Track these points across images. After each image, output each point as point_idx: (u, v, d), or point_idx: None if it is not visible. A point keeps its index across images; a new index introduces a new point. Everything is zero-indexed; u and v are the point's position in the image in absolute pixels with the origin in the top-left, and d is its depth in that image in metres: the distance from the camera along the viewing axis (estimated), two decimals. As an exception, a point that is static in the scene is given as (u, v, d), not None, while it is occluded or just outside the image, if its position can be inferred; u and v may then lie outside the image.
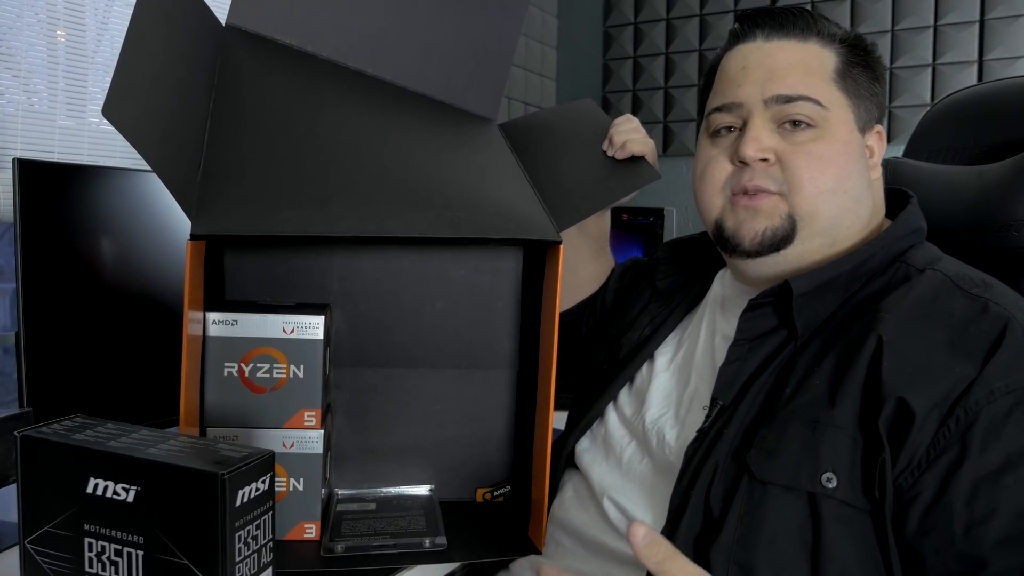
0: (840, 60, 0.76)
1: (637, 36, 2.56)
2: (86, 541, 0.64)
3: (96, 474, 0.63)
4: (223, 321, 0.84)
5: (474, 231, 0.82)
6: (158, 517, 0.62)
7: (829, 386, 0.67)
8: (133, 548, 0.63)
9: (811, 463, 0.65)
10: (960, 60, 2.10)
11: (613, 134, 0.95)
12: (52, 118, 1.36)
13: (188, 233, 0.73)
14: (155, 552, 0.62)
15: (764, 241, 0.75)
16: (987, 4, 2.06)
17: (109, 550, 0.63)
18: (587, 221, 1.01)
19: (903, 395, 0.63)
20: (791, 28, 0.77)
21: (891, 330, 0.67)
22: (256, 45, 0.93)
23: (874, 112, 0.78)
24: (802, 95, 0.74)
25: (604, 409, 0.88)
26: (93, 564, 0.64)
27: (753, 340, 0.75)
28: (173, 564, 0.62)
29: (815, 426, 0.66)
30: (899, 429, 0.63)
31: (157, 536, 0.62)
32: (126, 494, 0.62)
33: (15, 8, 1.29)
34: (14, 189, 0.99)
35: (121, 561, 0.63)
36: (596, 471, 0.84)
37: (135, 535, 0.62)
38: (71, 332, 1.06)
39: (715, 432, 0.72)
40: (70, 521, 0.64)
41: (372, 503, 0.94)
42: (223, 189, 0.77)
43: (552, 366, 0.85)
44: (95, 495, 0.63)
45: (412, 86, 1.01)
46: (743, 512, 0.66)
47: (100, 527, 0.63)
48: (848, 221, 0.75)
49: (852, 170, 0.75)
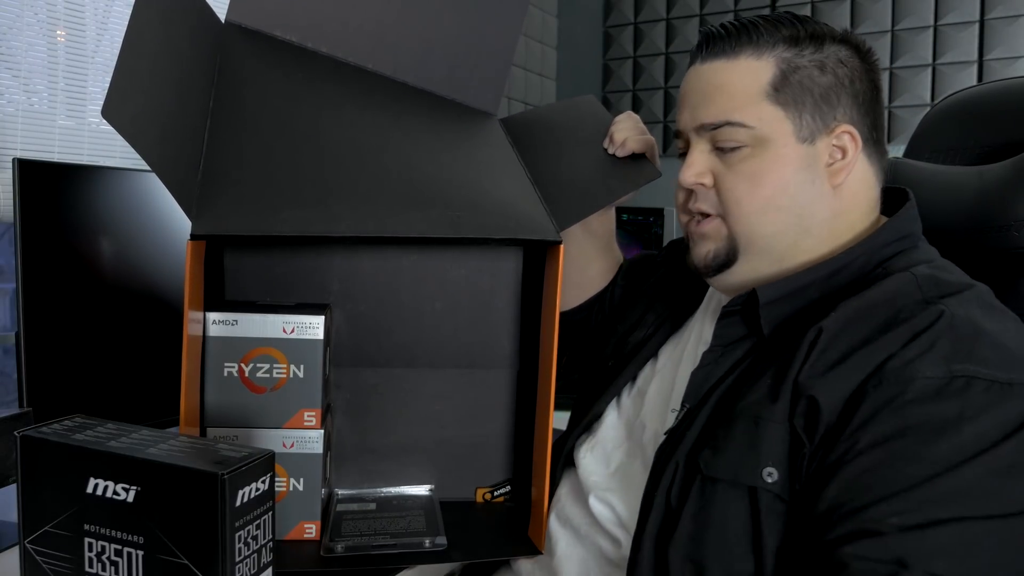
0: (777, 69, 0.73)
1: (637, 36, 2.56)
2: (86, 541, 0.64)
3: (96, 474, 0.63)
4: (223, 321, 0.84)
5: (474, 231, 0.82)
6: (158, 517, 0.62)
7: (773, 382, 0.68)
8: (133, 548, 0.63)
9: (753, 458, 0.66)
10: (960, 60, 2.10)
11: (613, 131, 0.96)
12: (52, 118, 1.36)
13: (188, 233, 0.73)
14: (155, 552, 0.62)
15: (710, 264, 0.78)
16: (987, 4, 2.06)
17: (109, 550, 0.63)
18: (591, 219, 1.01)
19: (814, 393, 0.64)
20: (722, 47, 0.75)
21: (832, 325, 0.67)
22: (256, 42, 0.93)
23: (832, 112, 0.74)
24: (726, 121, 0.74)
25: (605, 408, 0.89)
26: (93, 564, 0.64)
27: (727, 346, 0.76)
28: (173, 564, 0.62)
29: (758, 421, 0.67)
30: (811, 425, 0.65)
31: (157, 536, 0.62)
32: (126, 494, 0.62)
33: (15, 8, 1.29)
34: (14, 189, 0.99)
35: (121, 561, 0.63)
36: (588, 469, 0.85)
37: (135, 535, 0.62)
38: (71, 332, 1.06)
39: (680, 433, 0.73)
40: (70, 521, 0.64)
41: (372, 503, 0.94)
42: (223, 189, 0.77)
43: (552, 366, 0.85)
44: (95, 495, 0.63)
45: (413, 81, 1.01)
46: (695, 510, 0.68)
47: (100, 527, 0.63)
48: (793, 236, 0.74)
49: (790, 185, 0.73)
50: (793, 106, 0.73)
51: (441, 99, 1.03)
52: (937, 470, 0.59)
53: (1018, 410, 0.61)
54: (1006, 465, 0.59)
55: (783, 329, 0.72)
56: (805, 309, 0.72)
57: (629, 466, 0.81)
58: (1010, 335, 0.65)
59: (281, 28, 0.95)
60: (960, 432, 0.60)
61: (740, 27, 0.75)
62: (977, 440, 0.59)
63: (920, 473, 0.59)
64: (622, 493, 0.79)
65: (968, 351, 0.62)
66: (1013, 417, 0.60)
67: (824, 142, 0.74)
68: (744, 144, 0.74)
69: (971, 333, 0.64)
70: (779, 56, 0.74)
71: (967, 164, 0.95)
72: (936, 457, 0.59)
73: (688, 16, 2.46)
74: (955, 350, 0.62)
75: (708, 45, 0.76)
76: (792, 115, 0.73)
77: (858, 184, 0.76)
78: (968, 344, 0.63)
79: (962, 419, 0.60)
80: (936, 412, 0.61)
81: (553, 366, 0.85)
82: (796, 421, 0.65)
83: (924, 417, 0.61)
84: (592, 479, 0.84)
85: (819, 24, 0.76)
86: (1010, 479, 0.59)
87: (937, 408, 0.61)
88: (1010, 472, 0.59)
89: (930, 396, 0.61)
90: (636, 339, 0.92)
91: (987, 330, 0.64)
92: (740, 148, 0.74)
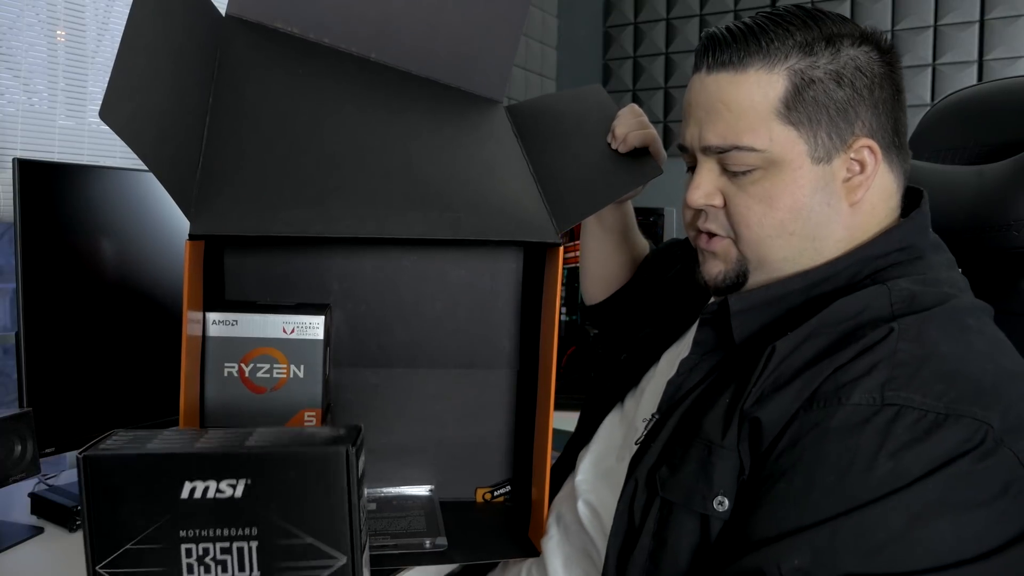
0: (789, 84, 0.67)
1: (637, 36, 2.55)
2: (183, 548, 0.62)
3: (193, 477, 0.61)
4: (223, 321, 0.84)
5: (474, 232, 0.81)
6: (274, 504, 0.62)
7: (730, 402, 0.65)
8: (245, 541, 0.62)
9: (705, 485, 0.64)
10: (960, 60, 2.09)
11: (615, 126, 0.95)
12: (52, 118, 1.36)
13: (187, 233, 0.73)
14: (273, 539, 0.62)
15: (719, 284, 0.74)
16: (987, 4, 2.06)
17: (214, 550, 0.62)
18: (604, 213, 1.00)
19: (758, 415, 0.62)
20: (729, 56, 0.68)
21: (786, 344, 0.64)
22: (257, 36, 0.93)
23: (849, 128, 0.68)
24: (733, 145, 0.68)
25: (609, 411, 0.89)
26: (193, 570, 0.62)
27: (704, 354, 0.74)
28: (295, 546, 0.62)
29: (711, 448, 0.64)
30: (754, 447, 0.63)
31: (273, 522, 0.62)
32: (232, 490, 0.62)
33: (15, 8, 1.29)
34: (14, 189, 0.99)
35: (230, 558, 0.62)
36: (582, 469, 0.85)
37: (247, 528, 0.62)
38: (71, 332, 1.06)
39: (646, 445, 0.72)
40: (160, 532, 0.62)
41: (372, 503, 0.94)
42: (222, 188, 0.77)
43: (552, 366, 0.85)
44: (192, 499, 0.62)
45: (417, 70, 1.00)
46: (654, 528, 0.67)
47: (200, 530, 0.62)
48: (806, 260, 0.70)
49: (804, 208, 0.68)
50: (807, 125, 0.67)
51: (446, 88, 1.02)
52: (848, 505, 0.56)
53: (948, 445, 0.56)
54: (924, 503, 0.55)
55: (757, 339, 0.69)
56: (781, 319, 0.69)
57: (616, 469, 0.80)
58: (971, 359, 0.61)
59: (282, 20, 0.94)
60: (875, 467, 0.56)
61: (748, 31, 0.68)
62: (893, 476, 0.55)
63: (830, 508, 0.56)
64: (606, 496, 0.79)
65: (909, 377, 0.58)
66: (941, 452, 0.56)
67: (841, 159, 0.68)
68: (755, 167, 0.68)
69: (919, 356, 0.59)
70: (792, 68, 0.67)
71: (967, 164, 0.95)
72: (849, 491, 0.56)
73: (688, 16, 2.46)
74: (894, 376, 0.58)
75: (713, 52, 0.69)
76: (806, 135, 0.67)
77: (877, 196, 0.70)
78: (911, 369, 0.59)
79: (881, 453, 0.56)
80: (855, 444, 0.57)
81: (553, 366, 0.84)
82: (741, 447, 0.63)
83: (842, 448, 0.57)
84: (581, 479, 0.83)
85: (835, 23, 0.68)
86: (927, 522, 0.54)
87: (857, 440, 0.57)
88: (927, 514, 0.54)
89: (853, 425, 0.58)
90: (645, 335, 0.91)
91: (940, 354, 0.60)
92: (751, 171, 0.69)
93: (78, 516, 0.99)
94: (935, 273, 0.69)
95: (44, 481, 1.10)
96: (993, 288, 0.72)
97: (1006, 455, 0.56)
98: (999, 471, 0.56)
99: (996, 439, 0.56)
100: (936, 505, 0.55)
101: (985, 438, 0.56)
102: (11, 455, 0.95)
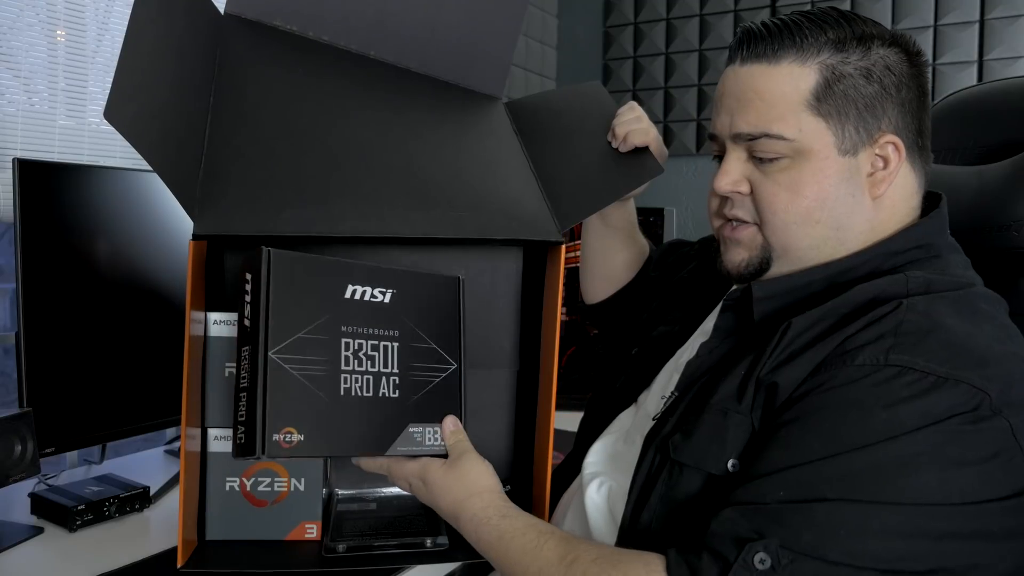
0: (821, 77, 0.70)
1: (637, 36, 2.55)
2: (343, 341, 0.74)
3: (355, 282, 0.75)
4: (225, 321, 0.84)
5: (477, 231, 0.81)
6: (413, 313, 0.79)
7: (745, 374, 0.69)
8: (389, 341, 0.77)
9: (719, 448, 0.67)
10: (960, 60, 2.10)
11: (615, 125, 0.95)
12: (52, 118, 1.36)
13: (190, 233, 0.73)
14: (409, 342, 0.78)
15: (742, 272, 0.76)
16: (987, 4, 2.06)
17: (366, 346, 0.75)
18: (609, 211, 1.01)
19: (775, 379, 0.65)
20: (763, 48, 0.71)
21: (803, 320, 0.67)
22: (256, 35, 0.93)
23: (876, 123, 0.71)
24: (763, 133, 0.71)
25: (621, 412, 0.89)
26: (350, 362, 0.73)
27: (724, 339, 0.76)
28: (423, 349, 0.79)
29: (726, 413, 0.68)
30: (768, 410, 0.66)
31: (410, 328, 0.78)
32: (383, 296, 0.77)
33: (15, 8, 1.29)
34: (14, 189, 0.99)
35: (377, 355, 0.76)
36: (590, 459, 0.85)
37: (391, 330, 0.77)
38: (71, 332, 1.06)
39: (664, 420, 0.74)
40: (326, 325, 0.73)
41: (372, 503, 0.94)
42: (225, 188, 0.77)
43: (553, 366, 0.85)
44: (353, 299, 0.75)
45: (416, 67, 1.00)
46: (664, 492, 0.69)
47: (357, 327, 0.75)
48: (829, 249, 0.73)
49: (829, 198, 0.71)
50: (836, 117, 0.70)
51: (445, 85, 1.02)
52: (838, 449, 0.59)
53: (944, 405, 0.59)
54: (915, 452, 0.57)
55: (775, 318, 0.71)
56: (799, 304, 0.71)
57: (627, 451, 0.81)
58: (978, 336, 0.63)
59: (281, 18, 0.94)
60: (871, 415, 0.59)
61: (783, 27, 0.71)
62: (889, 426, 0.58)
63: (821, 449, 0.59)
64: (615, 478, 0.80)
65: (914, 344, 0.61)
66: (939, 410, 0.58)
67: (866, 152, 0.71)
68: (783, 155, 0.71)
69: (926, 327, 0.62)
70: (823, 63, 0.70)
71: (967, 164, 0.95)
72: (841, 436, 0.59)
73: (688, 16, 2.46)
74: (900, 342, 0.61)
75: (748, 45, 0.72)
76: (834, 127, 0.70)
77: (899, 193, 0.73)
78: (916, 337, 0.62)
79: (877, 404, 0.59)
80: (855, 395, 0.60)
81: (554, 366, 0.84)
82: (755, 413, 0.66)
83: (841, 398, 0.61)
84: (590, 461, 0.84)
85: (867, 23, 0.72)
86: (916, 469, 0.57)
87: (858, 391, 0.60)
88: (917, 461, 0.57)
89: (855, 380, 0.61)
90: (660, 333, 0.92)
91: (946, 326, 0.63)
92: (779, 159, 0.71)
93: (78, 516, 0.99)
94: (952, 270, 0.71)
95: (44, 481, 1.10)
96: (993, 288, 0.72)
97: (1001, 424, 0.59)
98: (991, 437, 0.59)
99: (993, 408, 0.59)
100: (926, 456, 0.58)
101: (980, 404, 0.59)
102: (11, 455, 0.95)
